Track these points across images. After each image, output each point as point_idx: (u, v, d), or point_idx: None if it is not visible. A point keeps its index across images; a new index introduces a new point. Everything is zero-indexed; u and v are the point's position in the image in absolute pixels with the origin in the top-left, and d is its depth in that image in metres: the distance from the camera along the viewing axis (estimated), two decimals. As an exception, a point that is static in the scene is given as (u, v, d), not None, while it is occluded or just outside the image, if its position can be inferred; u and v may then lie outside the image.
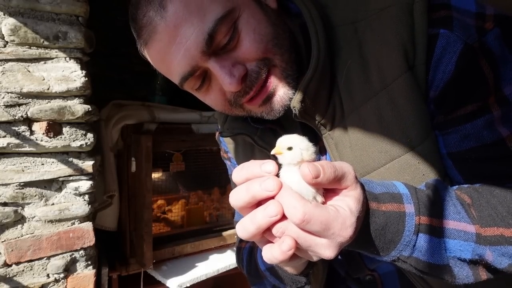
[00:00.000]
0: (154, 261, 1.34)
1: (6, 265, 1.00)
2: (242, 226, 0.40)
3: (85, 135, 1.06)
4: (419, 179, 0.49)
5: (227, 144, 0.76)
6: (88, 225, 1.10)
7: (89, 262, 1.11)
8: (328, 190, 0.41)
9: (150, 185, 1.29)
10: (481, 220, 0.43)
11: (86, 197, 1.08)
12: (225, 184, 1.82)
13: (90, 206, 1.09)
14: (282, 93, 0.53)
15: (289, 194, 0.38)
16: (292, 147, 0.40)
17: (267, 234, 0.40)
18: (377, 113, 0.51)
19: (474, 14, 0.47)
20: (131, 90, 2.04)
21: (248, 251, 0.67)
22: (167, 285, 1.31)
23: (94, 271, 1.12)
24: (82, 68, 1.03)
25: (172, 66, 0.52)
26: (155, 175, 1.49)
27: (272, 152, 0.41)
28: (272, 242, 0.40)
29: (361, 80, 0.52)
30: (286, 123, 0.63)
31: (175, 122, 1.44)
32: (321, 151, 0.61)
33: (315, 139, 0.59)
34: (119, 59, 2.00)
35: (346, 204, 0.40)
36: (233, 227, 1.58)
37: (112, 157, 1.35)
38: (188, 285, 1.31)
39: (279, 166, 0.41)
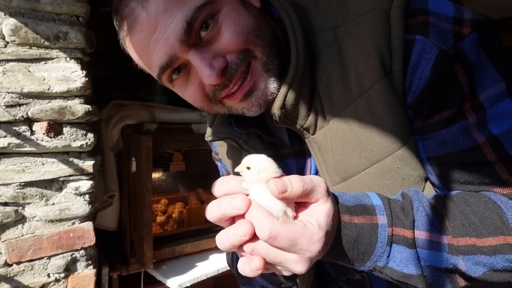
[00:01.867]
0: (154, 261, 1.34)
1: (6, 264, 1.00)
2: (220, 240, 0.41)
3: (86, 135, 1.06)
4: (399, 183, 0.50)
5: (217, 147, 0.76)
6: (88, 225, 1.10)
7: (90, 262, 1.11)
8: (300, 204, 0.42)
9: (150, 185, 1.29)
10: (454, 230, 0.44)
11: (87, 197, 1.08)
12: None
13: (90, 206, 1.09)
14: (263, 87, 0.52)
15: (256, 212, 0.39)
16: (250, 167, 0.41)
17: (239, 250, 0.41)
18: (356, 119, 0.51)
19: (451, 18, 0.47)
20: (131, 90, 2.04)
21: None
22: (167, 285, 1.31)
23: (94, 270, 1.12)
24: (82, 68, 1.03)
25: (151, 58, 0.51)
26: (155, 175, 1.49)
27: (235, 170, 0.42)
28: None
29: (340, 86, 0.52)
30: (272, 125, 0.62)
31: (175, 122, 1.44)
32: (305, 154, 0.61)
33: (301, 142, 0.60)
34: (119, 59, 1.99)
35: (315, 218, 0.40)
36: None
37: (112, 157, 1.35)
38: (188, 285, 1.32)
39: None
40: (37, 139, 1.00)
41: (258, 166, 0.41)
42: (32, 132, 1.00)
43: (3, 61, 0.95)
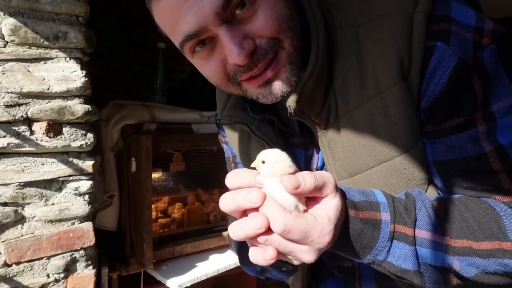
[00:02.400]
0: (154, 261, 1.34)
1: (6, 265, 1.00)
2: (233, 231, 0.43)
3: (85, 135, 1.06)
4: (404, 183, 0.52)
5: (225, 130, 0.76)
6: (88, 225, 1.10)
7: (89, 262, 1.11)
8: (310, 198, 0.44)
9: (150, 185, 1.29)
10: (452, 232, 0.46)
11: (86, 197, 1.08)
12: (225, 185, 1.82)
13: (90, 206, 1.09)
14: (284, 78, 0.53)
15: (271, 206, 0.41)
16: (265, 161, 0.43)
17: (253, 240, 0.43)
18: (369, 118, 0.52)
19: (473, 28, 0.48)
20: (131, 90, 2.04)
21: None
22: (167, 285, 1.31)
23: (94, 271, 1.12)
24: (82, 68, 1.03)
25: (179, 24, 0.49)
26: (155, 175, 1.49)
27: (252, 165, 0.44)
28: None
29: (357, 85, 0.53)
30: (284, 114, 0.62)
31: (175, 122, 1.43)
32: (314, 147, 0.62)
33: (311, 135, 0.61)
34: (119, 59, 2.00)
35: (325, 212, 0.43)
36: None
37: (112, 157, 1.35)
38: (188, 285, 1.31)
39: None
40: (36, 139, 1.00)
41: (273, 160, 0.43)
42: (32, 132, 0.99)
43: (2, 60, 0.95)
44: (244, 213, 0.44)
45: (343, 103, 0.54)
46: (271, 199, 0.42)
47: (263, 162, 0.43)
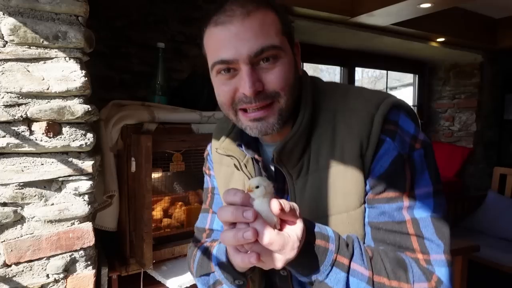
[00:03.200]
0: (154, 261, 1.33)
1: (5, 265, 1.00)
2: (226, 237, 0.57)
3: (85, 135, 1.05)
4: (347, 232, 0.69)
5: (213, 164, 0.91)
6: (87, 225, 1.09)
7: (89, 263, 1.11)
8: (282, 220, 0.58)
9: (150, 185, 1.29)
10: (374, 270, 0.63)
11: (86, 197, 1.08)
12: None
13: (89, 206, 1.09)
14: (270, 122, 0.69)
15: (261, 224, 0.55)
16: (259, 185, 0.57)
17: (239, 247, 0.58)
18: (331, 179, 0.70)
19: (411, 135, 0.68)
20: (131, 90, 2.03)
21: (203, 248, 0.85)
22: (167, 285, 1.31)
23: (94, 271, 1.12)
24: (81, 68, 1.03)
25: (220, 50, 0.66)
26: (155, 175, 1.48)
27: (246, 191, 0.57)
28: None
29: (327, 151, 0.71)
30: (267, 160, 0.80)
31: (175, 122, 1.43)
32: (285, 193, 0.77)
33: (284, 182, 0.76)
34: (119, 59, 2.00)
35: (295, 232, 0.57)
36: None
37: (112, 157, 1.34)
38: (188, 285, 1.31)
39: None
40: (36, 139, 0.99)
41: (265, 184, 0.57)
42: (31, 132, 0.99)
43: (2, 60, 0.95)
44: (234, 224, 0.57)
45: (314, 162, 0.72)
46: (260, 218, 0.55)
47: (257, 187, 0.57)
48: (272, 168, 0.79)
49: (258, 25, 0.65)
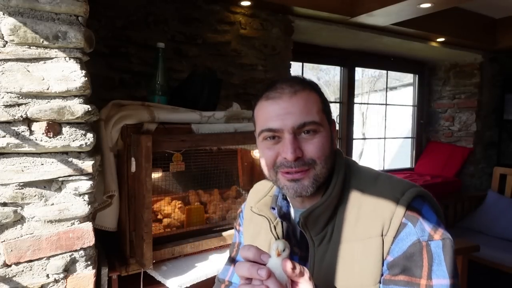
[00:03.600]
0: (154, 261, 1.33)
1: (5, 265, 1.00)
2: None
3: (85, 135, 1.05)
4: None
5: (243, 220, 1.00)
6: (87, 225, 1.09)
7: (89, 263, 1.11)
8: (292, 281, 0.64)
9: (150, 185, 1.29)
10: None
11: (86, 197, 1.08)
12: (225, 185, 1.82)
13: (89, 206, 1.09)
14: (305, 184, 0.77)
15: (273, 282, 0.60)
16: (285, 249, 0.64)
17: None
18: (350, 252, 0.75)
19: (432, 225, 0.72)
20: (131, 90, 2.03)
21: None
22: (167, 285, 1.31)
23: (94, 271, 1.12)
24: (82, 68, 1.03)
25: (269, 120, 0.78)
26: (155, 175, 1.48)
27: (275, 253, 0.64)
28: None
29: (350, 226, 0.77)
30: (294, 228, 0.88)
31: (175, 122, 1.43)
32: (306, 260, 0.82)
33: (306, 248, 0.82)
34: (119, 59, 2.00)
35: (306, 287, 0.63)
36: (233, 227, 1.57)
37: (112, 157, 1.34)
38: (188, 285, 1.31)
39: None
40: (36, 139, 0.99)
41: (287, 249, 0.64)
42: (31, 132, 0.99)
43: (2, 60, 0.95)
44: (250, 279, 0.63)
45: (337, 234, 0.78)
46: (273, 276, 0.61)
47: (284, 250, 0.64)
48: (298, 234, 0.86)
49: (303, 103, 0.76)
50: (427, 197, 0.77)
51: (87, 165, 1.07)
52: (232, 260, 1.01)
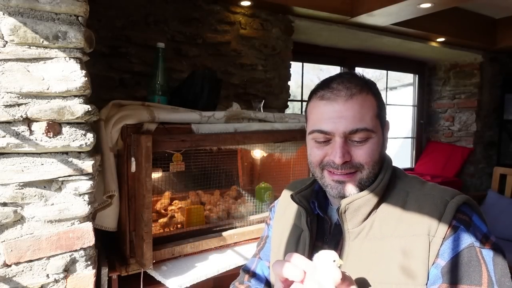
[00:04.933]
0: (154, 261, 1.33)
1: (5, 265, 1.00)
2: None
3: (85, 135, 1.05)
4: None
5: (275, 214, 1.00)
6: (87, 225, 1.09)
7: (89, 263, 1.11)
8: None
9: (150, 185, 1.28)
10: None
11: (86, 197, 1.08)
12: (225, 185, 1.82)
13: (89, 206, 1.09)
14: (349, 187, 0.77)
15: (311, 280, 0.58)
16: (335, 260, 0.61)
17: None
18: (390, 249, 0.72)
19: (483, 233, 0.70)
20: (131, 90, 2.03)
21: None
22: (167, 285, 1.30)
23: (94, 271, 1.12)
24: (82, 68, 1.03)
25: (321, 122, 0.77)
26: (155, 175, 1.48)
27: (336, 265, 0.60)
28: None
29: (393, 223, 0.74)
30: (328, 227, 0.86)
31: (175, 122, 1.43)
32: (337, 248, 0.80)
33: (336, 244, 0.81)
34: (119, 59, 2.00)
35: None
36: (233, 227, 1.58)
37: (112, 157, 1.34)
38: (188, 285, 1.31)
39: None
40: (36, 139, 0.99)
41: (337, 260, 0.61)
42: (31, 132, 0.99)
43: (2, 60, 0.95)
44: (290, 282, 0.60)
45: (377, 229, 0.75)
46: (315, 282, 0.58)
47: (334, 261, 0.60)
48: (332, 231, 0.84)
49: (357, 108, 0.75)
50: (476, 207, 0.74)
51: (87, 165, 1.07)
52: (258, 252, 1.02)
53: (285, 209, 0.95)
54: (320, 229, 0.86)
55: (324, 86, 0.79)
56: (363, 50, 3.44)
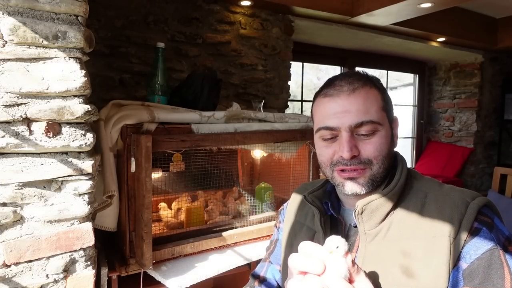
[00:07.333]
0: (154, 261, 1.33)
1: (5, 265, 0.99)
2: (294, 284, 0.58)
3: (85, 135, 1.05)
4: None
5: (284, 217, 0.98)
6: (87, 226, 1.09)
7: (89, 263, 1.11)
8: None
9: (149, 185, 1.28)
10: None
11: (86, 197, 1.08)
12: (225, 185, 1.82)
13: (89, 206, 1.09)
14: (361, 183, 0.76)
15: (332, 278, 0.56)
16: (339, 246, 0.59)
17: None
18: (409, 251, 0.69)
19: (506, 236, 0.69)
20: (131, 90, 2.03)
21: None
22: (167, 285, 1.30)
23: (93, 271, 1.12)
24: (81, 68, 1.03)
25: (327, 118, 0.77)
26: (155, 175, 1.48)
27: (328, 252, 0.59)
28: None
29: (412, 224, 0.72)
30: (341, 227, 0.84)
31: (175, 122, 1.43)
32: (352, 250, 0.78)
33: (356, 240, 0.78)
34: (119, 59, 1.99)
35: (365, 285, 0.59)
36: (233, 227, 1.57)
37: (112, 157, 1.34)
38: (188, 285, 1.31)
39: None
40: (35, 139, 0.99)
41: (343, 246, 0.60)
42: (31, 132, 0.99)
43: (1, 60, 0.95)
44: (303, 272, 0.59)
45: (395, 231, 0.73)
46: (330, 272, 0.57)
47: (337, 247, 0.59)
48: (346, 232, 0.83)
49: (361, 101, 0.74)
50: (496, 209, 0.72)
51: (87, 165, 1.06)
52: (268, 256, 1.00)
53: (296, 212, 0.94)
54: (333, 231, 0.83)
55: (327, 85, 0.79)
56: (363, 50, 3.43)
